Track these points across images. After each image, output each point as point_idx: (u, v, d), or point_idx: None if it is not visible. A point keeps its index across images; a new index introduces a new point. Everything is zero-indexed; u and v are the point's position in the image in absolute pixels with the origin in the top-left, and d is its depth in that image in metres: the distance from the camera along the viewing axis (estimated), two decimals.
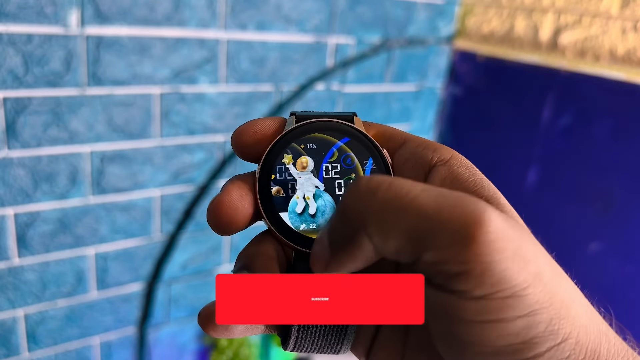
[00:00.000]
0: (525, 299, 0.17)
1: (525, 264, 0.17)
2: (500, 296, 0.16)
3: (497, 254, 0.16)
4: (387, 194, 0.17)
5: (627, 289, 0.88)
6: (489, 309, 0.17)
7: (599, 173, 0.91)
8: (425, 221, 0.17)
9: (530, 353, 0.17)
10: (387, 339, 0.23)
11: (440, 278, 0.17)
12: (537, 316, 0.17)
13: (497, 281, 0.16)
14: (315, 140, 0.23)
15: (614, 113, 0.89)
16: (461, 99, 1.15)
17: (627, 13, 0.87)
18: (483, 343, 0.17)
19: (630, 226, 0.87)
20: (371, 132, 0.24)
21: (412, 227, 0.17)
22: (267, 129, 0.23)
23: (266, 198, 0.22)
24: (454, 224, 0.16)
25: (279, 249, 0.23)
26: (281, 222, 0.22)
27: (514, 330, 0.17)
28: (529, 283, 0.17)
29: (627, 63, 0.87)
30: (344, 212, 0.18)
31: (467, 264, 0.16)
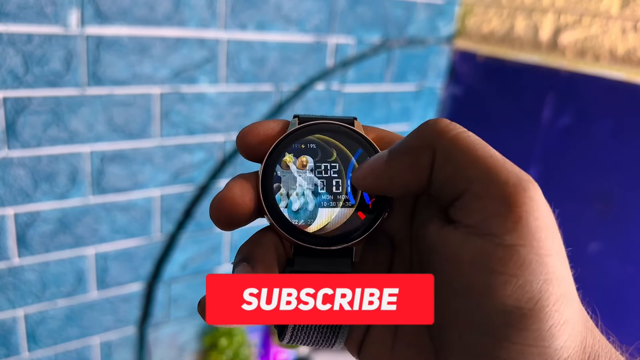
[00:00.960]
0: (547, 263, 0.17)
1: (553, 236, 0.18)
2: (526, 250, 0.17)
3: (536, 213, 0.18)
4: (465, 132, 0.20)
5: (627, 289, 0.88)
6: (514, 261, 0.17)
7: (599, 173, 0.91)
8: (490, 161, 0.19)
9: (536, 324, 0.17)
10: (378, 333, 0.23)
11: (479, 216, 0.18)
12: (551, 286, 0.17)
13: (528, 234, 0.17)
14: (316, 142, 0.24)
15: (614, 113, 0.89)
16: (461, 99, 1.15)
17: (627, 13, 0.87)
18: (495, 296, 0.17)
19: (630, 226, 0.87)
20: (371, 135, 0.25)
21: (477, 159, 0.19)
22: (271, 130, 0.24)
23: (268, 195, 0.23)
24: (512, 174, 0.18)
25: (279, 243, 0.23)
26: (282, 217, 0.23)
27: (529, 292, 0.17)
28: (553, 253, 0.18)
29: (627, 63, 0.87)
30: (422, 130, 0.20)
31: (509, 207, 0.18)
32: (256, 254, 0.22)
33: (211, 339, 1.01)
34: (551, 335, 0.17)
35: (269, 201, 0.23)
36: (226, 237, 0.98)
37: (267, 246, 0.23)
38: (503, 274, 0.17)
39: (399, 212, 0.24)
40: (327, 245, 0.23)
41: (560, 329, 0.17)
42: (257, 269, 0.21)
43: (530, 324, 0.17)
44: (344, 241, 0.23)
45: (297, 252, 0.23)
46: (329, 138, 0.24)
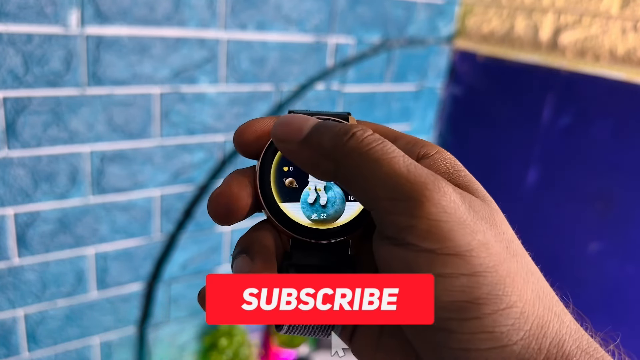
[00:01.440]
0: (470, 259, 0.19)
1: (472, 232, 0.19)
2: (445, 252, 0.19)
3: (444, 216, 0.19)
4: (376, 147, 0.20)
5: (627, 289, 0.88)
6: (436, 263, 0.19)
7: (599, 173, 0.91)
8: (393, 176, 0.20)
9: (474, 313, 0.18)
10: (367, 326, 0.24)
11: (393, 229, 0.20)
12: (481, 278, 0.18)
13: (442, 238, 0.19)
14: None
15: (614, 113, 0.89)
16: (461, 99, 1.15)
17: (627, 13, 0.87)
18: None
19: (630, 226, 0.87)
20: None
21: (380, 177, 0.20)
22: (267, 127, 0.25)
23: (266, 189, 0.24)
24: (414, 185, 0.19)
25: (277, 236, 0.24)
26: (280, 212, 0.24)
27: (458, 287, 0.18)
28: (473, 247, 0.19)
29: (627, 63, 0.87)
30: (335, 137, 0.21)
31: (417, 219, 0.19)
32: (255, 246, 0.23)
33: (211, 339, 1.01)
34: (493, 321, 0.18)
35: (266, 196, 0.24)
36: (226, 237, 0.98)
37: (266, 239, 0.23)
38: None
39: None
40: (324, 238, 0.24)
41: (503, 314, 0.18)
42: (256, 260, 0.22)
43: (468, 314, 0.18)
44: (340, 234, 0.24)
45: (295, 246, 0.24)
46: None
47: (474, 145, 1.14)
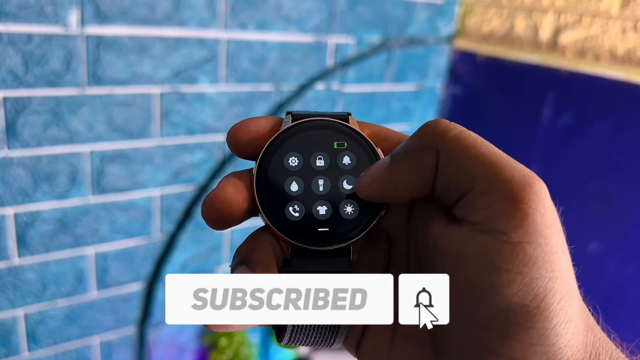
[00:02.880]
0: (553, 260, 0.17)
1: (559, 233, 0.18)
2: (533, 247, 0.17)
3: (542, 210, 0.18)
4: (466, 132, 0.20)
5: (627, 289, 0.88)
6: (520, 258, 0.17)
7: (599, 173, 0.91)
8: (494, 158, 0.18)
9: (540, 323, 0.17)
10: (377, 330, 0.23)
11: (484, 213, 0.18)
12: (556, 284, 0.17)
13: (534, 231, 0.17)
14: (312, 139, 0.24)
15: (614, 113, 0.89)
16: (461, 99, 1.15)
17: (627, 13, 0.87)
18: (500, 293, 0.17)
19: (630, 226, 0.87)
20: (365, 131, 0.25)
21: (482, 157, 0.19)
22: (262, 128, 0.24)
23: (263, 194, 0.23)
24: (517, 171, 0.18)
25: (276, 243, 0.23)
26: (278, 217, 0.23)
27: (535, 289, 0.17)
28: (558, 250, 0.18)
29: (627, 63, 0.87)
30: (423, 132, 0.20)
31: (516, 204, 0.17)
32: (254, 256, 0.22)
33: (211, 339, 1.01)
34: (555, 334, 0.17)
35: (263, 201, 0.23)
36: (226, 237, 0.98)
37: (265, 247, 0.22)
38: (509, 271, 0.17)
39: (396, 209, 0.24)
40: (324, 245, 0.23)
41: (565, 327, 0.17)
42: (256, 272, 0.21)
43: (535, 322, 0.17)
44: (341, 240, 0.23)
45: (294, 253, 0.23)
46: (325, 136, 0.24)
47: None
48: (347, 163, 0.24)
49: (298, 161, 0.23)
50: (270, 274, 0.21)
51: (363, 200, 0.23)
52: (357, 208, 0.23)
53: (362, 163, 0.24)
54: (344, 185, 0.23)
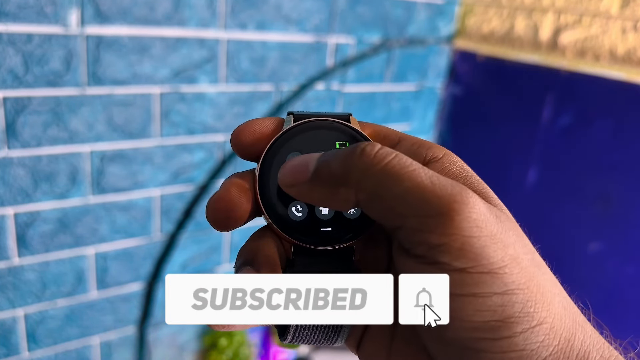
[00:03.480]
0: (502, 277, 0.18)
1: (503, 247, 0.18)
2: (478, 271, 0.18)
3: (476, 231, 0.18)
4: (392, 161, 0.19)
5: (627, 289, 0.88)
6: (468, 282, 0.18)
7: (599, 173, 0.91)
8: (417, 191, 0.18)
9: (506, 332, 0.18)
10: (377, 330, 0.23)
11: (423, 248, 0.19)
12: (513, 296, 0.18)
13: (475, 256, 0.18)
14: (314, 139, 0.24)
15: (614, 113, 0.89)
16: (461, 99, 1.15)
17: (627, 13, 0.87)
18: (462, 318, 0.18)
19: (630, 226, 0.87)
20: (367, 131, 0.25)
21: (404, 193, 0.19)
22: (265, 128, 0.24)
23: (266, 194, 0.23)
24: (442, 199, 0.18)
25: (279, 244, 0.23)
26: (280, 217, 0.23)
27: (491, 307, 0.18)
28: (506, 264, 0.18)
29: (627, 63, 0.87)
30: (347, 162, 0.20)
31: (448, 236, 0.18)
32: (258, 256, 0.22)
33: (211, 339, 1.01)
34: (524, 339, 0.18)
35: (266, 201, 0.23)
36: (226, 237, 0.98)
37: (269, 248, 0.22)
38: (461, 295, 0.18)
39: None
40: (327, 244, 0.23)
41: (534, 331, 0.18)
42: (261, 272, 0.21)
43: (500, 334, 0.18)
44: (343, 240, 0.23)
45: (297, 253, 0.23)
46: (327, 136, 0.24)
47: (474, 145, 1.14)
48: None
49: None
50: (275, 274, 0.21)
51: None
52: (359, 208, 0.23)
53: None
54: None
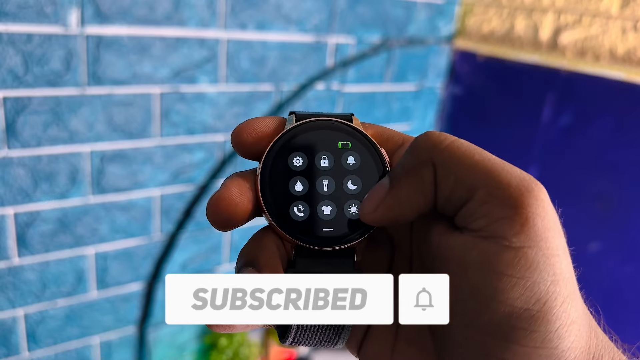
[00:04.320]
0: (554, 265, 0.17)
1: (560, 236, 0.18)
2: (534, 252, 0.17)
3: (542, 212, 0.18)
4: (458, 141, 0.20)
5: (627, 289, 0.88)
6: (522, 262, 0.17)
7: (599, 173, 0.91)
8: (489, 164, 0.19)
9: (544, 326, 0.17)
10: (379, 332, 0.23)
11: (485, 219, 0.18)
12: (558, 287, 0.17)
13: (535, 236, 0.17)
14: (316, 139, 0.24)
15: (614, 113, 0.89)
16: (461, 99, 1.15)
17: (627, 13, 0.87)
18: (503, 300, 0.17)
19: (630, 226, 0.87)
20: (369, 132, 0.25)
21: (476, 165, 0.19)
22: (267, 128, 0.24)
23: (267, 194, 0.23)
24: (513, 175, 0.18)
25: (280, 244, 0.23)
26: (282, 217, 0.23)
27: (537, 293, 0.17)
28: (560, 252, 0.18)
29: (627, 63, 0.87)
30: (416, 148, 0.20)
31: (514, 209, 0.18)
32: (260, 257, 0.22)
33: (211, 339, 1.01)
34: (558, 337, 0.17)
35: (268, 201, 0.23)
36: (226, 237, 0.98)
37: (270, 248, 0.22)
38: (511, 276, 0.17)
39: None
40: (329, 245, 0.22)
41: (568, 330, 0.17)
42: (263, 272, 0.21)
43: (538, 326, 0.17)
44: (345, 241, 0.23)
45: (298, 253, 0.23)
46: (329, 136, 0.24)
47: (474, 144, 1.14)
48: (351, 163, 0.24)
49: (302, 161, 0.23)
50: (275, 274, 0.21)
51: None
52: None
53: (367, 163, 0.24)
54: (348, 185, 0.23)
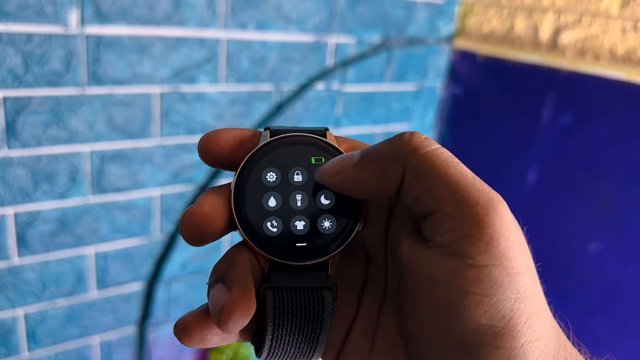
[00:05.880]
0: (518, 283, 0.18)
1: (523, 255, 0.19)
2: (498, 270, 0.18)
3: (506, 232, 0.18)
4: (439, 150, 0.20)
5: (627, 289, 0.88)
6: (486, 280, 0.18)
7: (598, 173, 0.91)
8: (461, 180, 0.19)
9: (509, 342, 0.17)
10: (355, 345, 0.23)
11: (449, 236, 0.18)
12: (523, 305, 0.18)
13: (499, 255, 0.18)
14: (290, 154, 0.24)
15: (614, 113, 0.89)
16: (461, 99, 1.15)
17: (627, 13, 0.87)
18: (469, 317, 0.18)
19: (630, 226, 0.87)
20: (343, 147, 0.25)
21: (448, 178, 0.19)
22: (232, 139, 0.24)
23: (241, 209, 0.23)
24: (482, 193, 0.18)
25: (254, 260, 0.23)
26: (255, 232, 0.23)
27: (501, 310, 0.17)
28: (524, 271, 0.18)
29: (627, 63, 0.87)
30: (396, 143, 0.20)
31: (480, 228, 0.18)
32: (231, 273, 0.22)
33: None
34: (524, 353, 0.17)
35: (241, 216, 0.23)
36: (226, 237, 0.98)
37: (242, 264, 0.22)
38: (475, 293, 0.18)
39: (374, 224, 0.24)
40: (302, 260, 0.23)
41: (533, 346, 0.18)
42: (233, 289, 0.21)
43: (503, 342, 0.17)
44: (319, 255, 0.23)
45: (272, 268, 0.23)
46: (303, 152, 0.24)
47: (474, 145, 1.14)
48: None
49: (276, 176, 0.23)
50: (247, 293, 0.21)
51: (340, 215, 0.23)
52: (334, 223, 0.23)
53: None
54: (321, 200, 0.23)
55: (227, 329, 0.20)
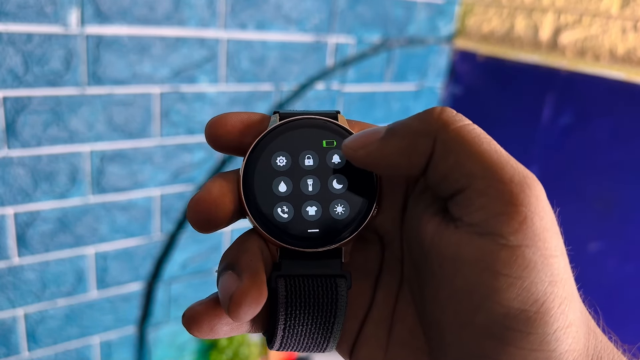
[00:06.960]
0: (553, 264, 0.17)
1: (557, 236, 0.18)
2: (532, 251, 0.17)
3: (542, 211, 0.17)
4: (471, 125, 0.19)
5: (627, 289, 0.88)
6: (519, 262, 0.17)
7: (598, 173, 0.91)
8: (495, 156, 0.18)
9: (541, 328, 0.16)
10: (371, 334, 0.22)
11: (481, 214, 0.17)
12: (556, 288, 0.17)
13: (534, 235, 0.17)
14: (300, 138, 0.23)
15: (614, 113, 0.89)
16: (461, 99, 1.15)
17: (627, 13, 0.87)
18: (499, 300, 0.17)
19: (630, 226, 0.87)
20: (355, 129, 0.24)
21: (480, 153, 0.18)
22: (240, 122, 0.23)
23: (250, 195, 0.22)
24: (517, 170, 0.18)
25: (264, 246, 0.22)
26: (265, 219, 0.22)
27: (534, 294, 0.16)
28: (559, 253, 0.17)
29: (627, 63, 0.87)
30: (425, 118, 0.19)
31: (514, 206, 0.17)
32: (241, 260, 0.21)
33: (211, 339, 1.01)
34: (556, 339, 0.16)
35: (251, 202, 0.22)
36: (226, 236, 0.98)
37: (253, 251, 0.21)
38: (508, 275, 0.17)
39: (389, 209, 0.23)
40: (315, 246, 0.22)
41: (566, 332, 0.17)
42: (243, 277, 0.20)
43: (535, 328, 0.16)
44: (332, 242, 0.22)
45: (284, 255, 0.22)
46: (315, 135, 0.23)
47: None
48: (336, 162, 0.23)
49: (286, 161, 0.22)
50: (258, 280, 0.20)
51: (354, 200, 0.22)
52: (347, 208, 0.22)
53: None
54: (334, 184, 0.22)
55: (237, 318, 0.19)
